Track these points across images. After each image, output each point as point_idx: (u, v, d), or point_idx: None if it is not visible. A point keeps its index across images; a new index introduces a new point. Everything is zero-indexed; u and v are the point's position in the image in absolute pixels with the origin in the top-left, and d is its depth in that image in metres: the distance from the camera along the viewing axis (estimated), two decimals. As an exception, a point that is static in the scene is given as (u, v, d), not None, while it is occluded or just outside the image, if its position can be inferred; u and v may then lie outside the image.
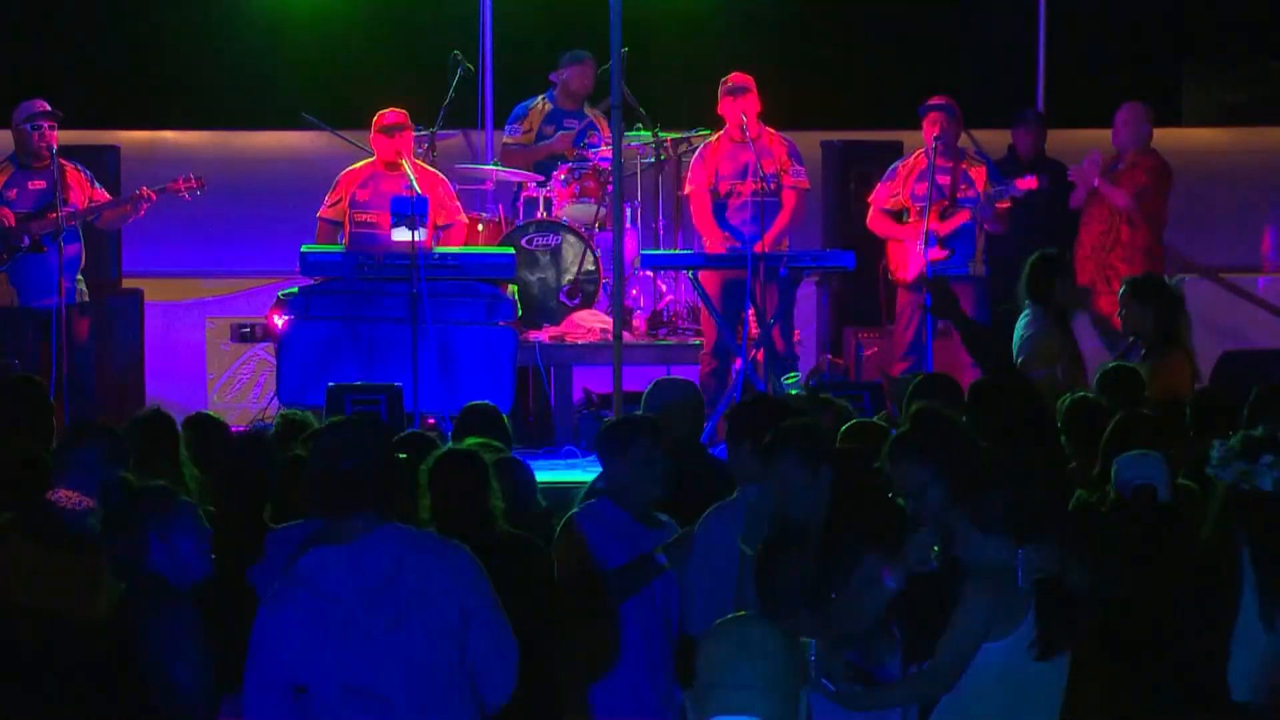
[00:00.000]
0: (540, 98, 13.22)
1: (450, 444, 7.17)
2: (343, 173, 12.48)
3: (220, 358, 13.93)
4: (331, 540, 5.53)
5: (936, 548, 5.90)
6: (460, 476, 6.62)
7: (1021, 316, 10.15)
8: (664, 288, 12.93)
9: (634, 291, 12.82)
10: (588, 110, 13.18)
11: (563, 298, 12.68)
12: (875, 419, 8.36)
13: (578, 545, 6.99)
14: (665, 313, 12.83)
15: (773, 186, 12.11)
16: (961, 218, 12.02)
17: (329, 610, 5.44)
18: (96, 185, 12.06)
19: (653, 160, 13.10)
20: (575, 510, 7.19)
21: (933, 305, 10.46)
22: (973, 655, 5.79)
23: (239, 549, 6.59)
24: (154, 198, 11.87)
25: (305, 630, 5.44)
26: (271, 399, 12.20)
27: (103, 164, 12.83)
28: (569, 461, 11.59)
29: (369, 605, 5.44)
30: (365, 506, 5.50)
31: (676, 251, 12.92)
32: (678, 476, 7.31)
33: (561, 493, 8.83)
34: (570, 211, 12.77)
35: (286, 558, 6.03)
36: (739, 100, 12.13)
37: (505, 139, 13.26)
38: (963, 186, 12.10)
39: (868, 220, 12.37)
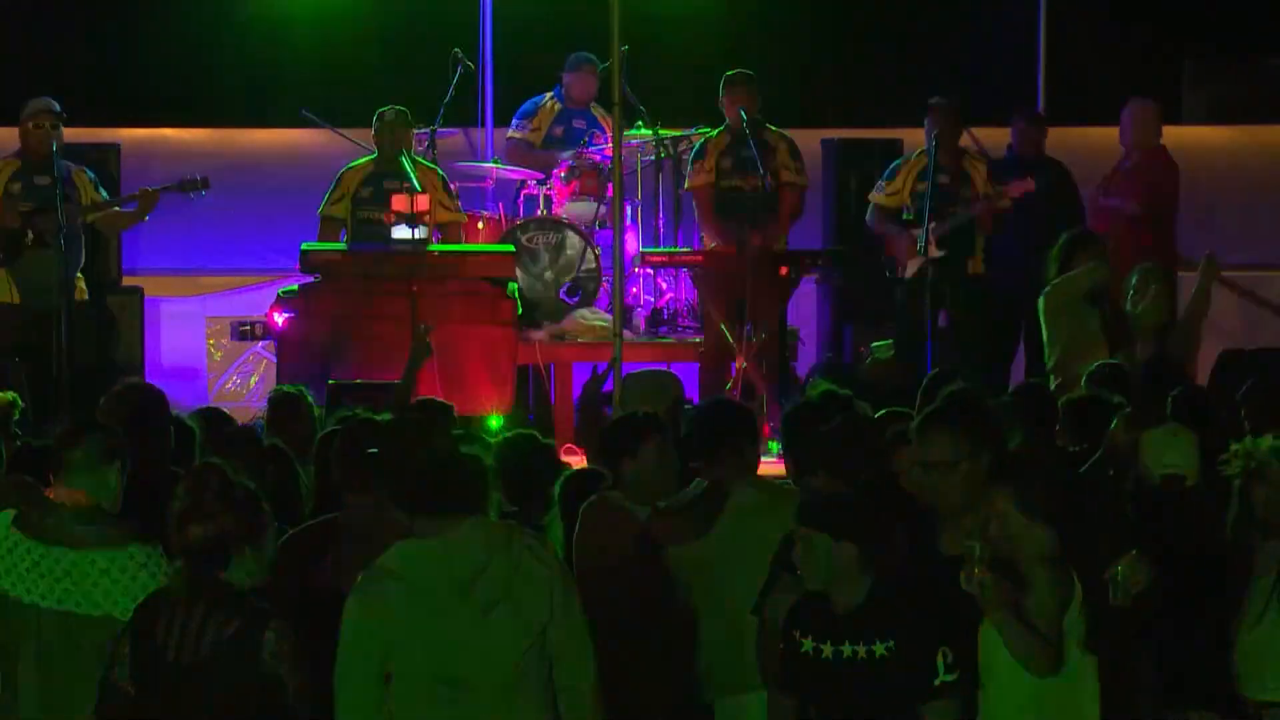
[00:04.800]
0: (549, 96, 13.24)
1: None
2: (344, 170, 12.48)
3: (220, 355, 13.93)
4: (417, 534, 5.69)
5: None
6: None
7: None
8: (664, 285, 12.94)
9: (634, 289, 12.83)
10: (594, 109, 13.20)
11: (563, 296, 12.69)
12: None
13: (627, 526, 6.89)
14: (666, 310, 12.84)
15: (773, 183, 12.11)
16: (961, 217, 12.02)
17: (419, 601, 5.60)
18: (100, 188, 12.07)
19: (653, 158, 13.12)
20: (594, 499, 7.11)
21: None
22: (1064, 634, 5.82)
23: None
24: (157, 197, 11.86)
25: (395, 620, 5.60)
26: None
27: (103, 161, 12.84)
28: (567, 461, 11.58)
29: (460, 595, 5.60)
30: (452, 502, 5.66)
31: (676, 249, 12.93)
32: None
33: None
34: (570, 209, 12.78)
35: None
36: (739, 97, 12.13)
37: (511, 134, 13.27)
38: (962, 186, 12.10)
39: (867, 218, 12.38)
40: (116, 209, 11.98)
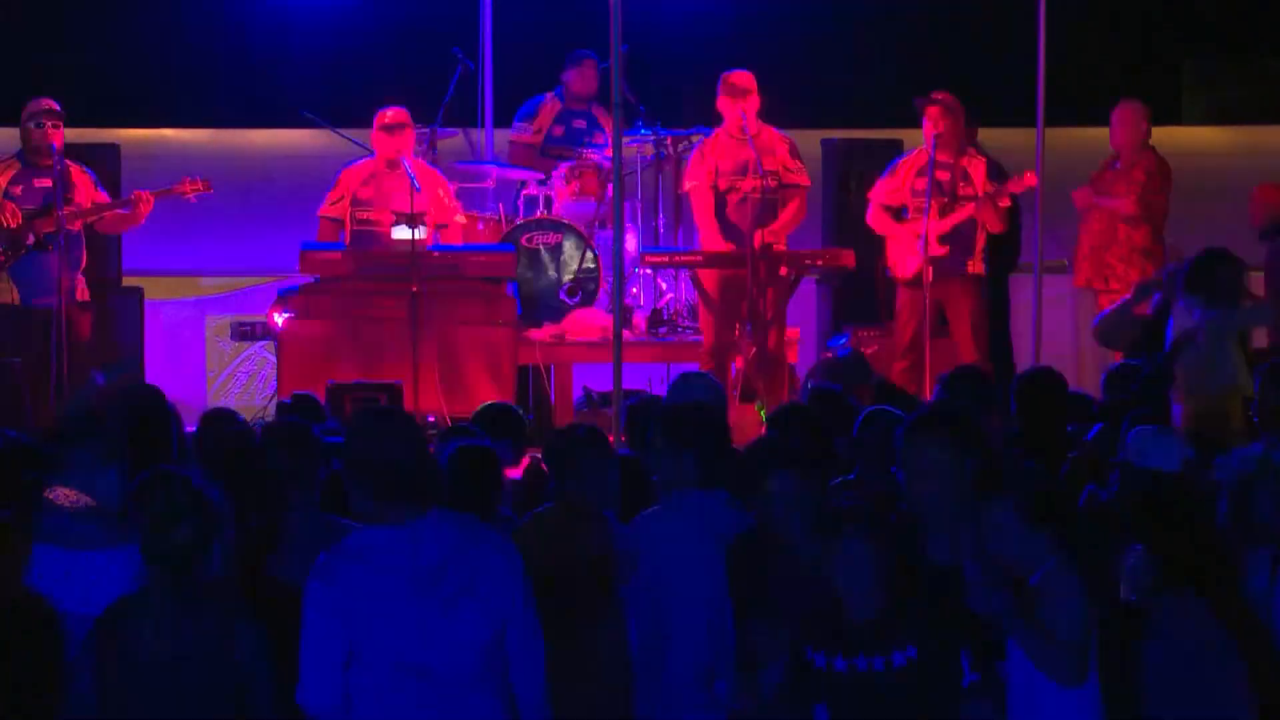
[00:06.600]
0: (549, 96, 13.26)
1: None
2: (344, 171, 12.49)
3: (220, 356, 13.94)
4: (379, 522, 5.66)
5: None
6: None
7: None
8: (664, 286, 12.94)
9: (634, 290, 12.84)
10: (595, 108, 13.21)
11: (563, 296, 12.69)
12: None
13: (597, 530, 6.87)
14: (665, 311, 12.84)
15: (773, 184, 12.10)
16: (961, 214, 12.02)
17: (384, 585, 5.59)
18: (101, 188, 12.07)
19: (653, 158, 13.12)
20: (551, 506, 7.03)
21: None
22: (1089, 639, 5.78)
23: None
24: (152, 200, 11.87)
25: (359, 604, 5.58)
26: (272, 397, 12.22)
27: (103, 162, 12.83)
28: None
29: (424, 585, 5.60)
30: (415, 494, 5.63)
31: (676, 249, 12.93)
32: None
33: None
34: (570, 210, 12.79)
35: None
36: (739, 100, 12.12)
37: (513, 136, 13.29)
38: (962, 184, 12.10)
39: (867, 217, 12.37)
40: (117, 210, 11.99)
